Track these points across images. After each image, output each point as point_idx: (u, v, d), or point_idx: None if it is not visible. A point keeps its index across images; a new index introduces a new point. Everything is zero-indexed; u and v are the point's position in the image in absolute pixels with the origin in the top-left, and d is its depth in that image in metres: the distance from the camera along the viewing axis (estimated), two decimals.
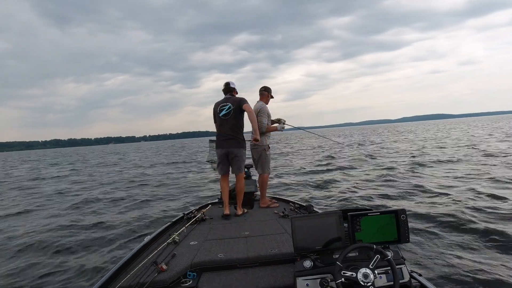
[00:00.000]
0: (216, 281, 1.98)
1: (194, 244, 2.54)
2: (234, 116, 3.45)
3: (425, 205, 5.15)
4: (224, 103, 3.52)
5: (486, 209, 4.70)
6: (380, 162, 11.76)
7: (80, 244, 4.63)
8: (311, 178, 9.27)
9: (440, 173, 8.35)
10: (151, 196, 8.38)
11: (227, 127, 3.47)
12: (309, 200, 6.36)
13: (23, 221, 6.43)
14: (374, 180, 8.09)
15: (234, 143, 3.47)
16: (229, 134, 3.47)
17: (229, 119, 3.47)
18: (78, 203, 7.88)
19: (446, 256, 3.28)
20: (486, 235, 3.74)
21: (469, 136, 23.52)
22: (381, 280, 1.62)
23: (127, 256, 2.31)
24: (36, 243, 4.73)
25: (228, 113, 3.47)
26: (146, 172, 15.27)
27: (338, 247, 1.71)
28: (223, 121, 3.49)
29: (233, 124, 3.46)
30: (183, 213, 3.55)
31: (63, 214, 6.89)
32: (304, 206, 3.51)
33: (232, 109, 3.45)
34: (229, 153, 3.49)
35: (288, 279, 1.89)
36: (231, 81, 3.68)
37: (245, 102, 3.46)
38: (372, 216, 1.75)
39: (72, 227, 5.61)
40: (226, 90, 3.66)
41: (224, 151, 3.50)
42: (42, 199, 9.08)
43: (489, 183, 6.56)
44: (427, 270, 3.01)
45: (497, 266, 3.00)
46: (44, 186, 12.54)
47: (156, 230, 3.03)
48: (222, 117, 3.49)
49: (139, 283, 1.86)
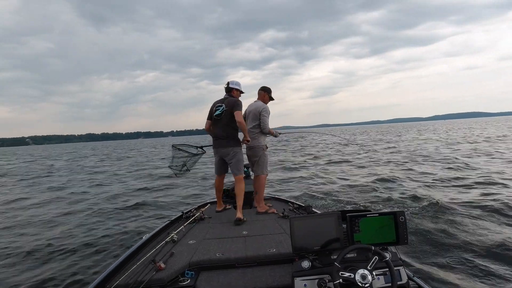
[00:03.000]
0: (214, 280, 1.98)
1: (192, 243, 2.54)
2: (226, 117, 3.43)
3: (425, 206, 5.15)
4: (220, 104, 3.50)
5: (486, 211, 4.72)
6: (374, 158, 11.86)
7: (79, 242, 4.63)
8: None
9: (440, 172, 8.36)
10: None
11: (220, 128, 3.46)
12: (308, 201, 6.37)
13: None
14: (368, 183, 8.11)
15: (227, 143, 3.43)
16: (222, 135, 3.45)
17: (222, 120, 3.45)
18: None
19: (444, 259, 3.29)
20: (485, 237, 3.74)
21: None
22: (379, 282, 1.62)
23: (125, 254, 2.31)
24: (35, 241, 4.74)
25: (220, 114, 3.45)
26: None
27: (337, 247, 1.71)
28: (216, 121, 3.49)
29: (226, 125, 3.44)
30: (181, 212, 3.55)
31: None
32: (303, 206, 3.51)
33: (224, 110, 3.44)
34: (225, 154, 3.45)
35: (286, 279, 1.90)
36: (234, 81, 3.62)
37: (238, 108, 3.41)
38: (370, 217, 1.75)
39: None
40: (226, 89, 3.62)
41: (218, 152, 3.48)
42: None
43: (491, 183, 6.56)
44: (425, 272, 3.02)
45: (496, 268, 3.00)
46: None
47: (155, 229, 3.03)
48: (216, 117, 3.48)
49: (137, 281, 1.86)
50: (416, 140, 23.57)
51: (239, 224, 3.08)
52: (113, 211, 6.68)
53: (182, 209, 4.71)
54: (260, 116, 3.59)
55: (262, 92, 3.83)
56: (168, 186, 9.86)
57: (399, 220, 1.74)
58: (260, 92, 3.85)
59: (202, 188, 9.13)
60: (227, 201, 4.21)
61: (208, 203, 4.12)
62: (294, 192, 7.42)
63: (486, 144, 16.52)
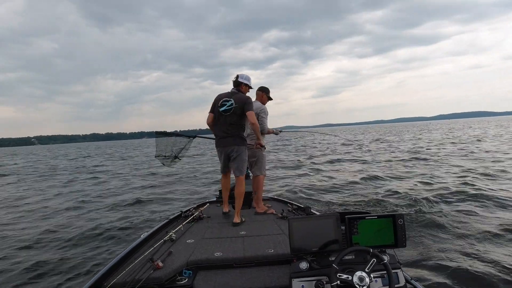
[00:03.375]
0: (212, 279, 1.98)
1: (190, 242, 2.54)
2: (235, 115, 3.17)
3: (424, 208, 5.15)
4: (227, 98, 3.20)
5: (485, 214, 4.72)
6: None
7: (77, 240, 4.63)
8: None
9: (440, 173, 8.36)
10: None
11: (226, 125, 3.19)
12: (307, 202, 6.37)
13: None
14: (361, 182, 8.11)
15: (232, 141, 3.20)
16: (227, 132, 3.20)
17: (229, 116, 3.17)
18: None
19: (442, 262, 3.28)
20: (484, 241, 3.74)
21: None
22: (377, 284, 1.62)
23: (123, 252, 2.31)
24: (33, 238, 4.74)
25: (228, 110, 3.15)
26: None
27: (335, 249, 1.71)
28: (222, 117, 3.19)
29: (233, 122, 3.18)
30: (180, 211, 3.55)
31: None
32: (302, 207, 3.50)
33: (233, 107, 3.14)
34: (228, 152, 3.24)
35: (283, 280, 1.89)
36: (244, 75, 3.34)
37: (251, 108, 3.16)
38: (369, 219, 1.76)
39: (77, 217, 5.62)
40: (235, 83, 3.30)
41: (223, 151, 3.27)
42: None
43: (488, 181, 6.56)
44: (423, 276, 3.01)
45: (495, 271, 3.00)
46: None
47: (153, 227, 3.03)
48: (222, 113, 3.18)
49: (134, 279, 1.85)
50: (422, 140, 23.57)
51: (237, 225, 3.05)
52: (112, 208, 6.69)
53: (181, 208, 4.71)
54: (258, 117, 3.52)
55: (260, 92, 3.79)
56: (168, 183, 9.91)
57: (398, 223, 1.75)
58: (258, 93, 3.80)
59: (202, 188, 9.13)
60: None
61: (207, 202, 4.12)
62: (292, 192, 7.43)
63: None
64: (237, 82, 3.29)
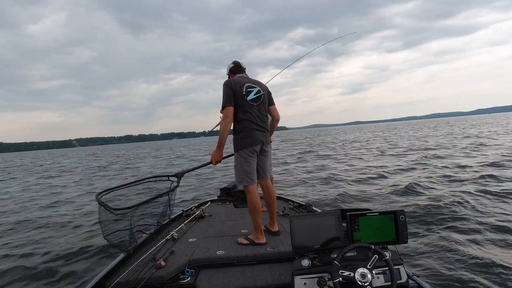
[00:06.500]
0: (214, 278, 1.98)
1: (192, 241, 2.55)
2: (265, 104, 2.62)
3: (424, 206, 5.14)
4: (253, 85, 2.57)
5: (487, 210, 4.71)
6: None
7: (77, 240, 4.64)
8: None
9: (441, 170, 8.35)
10: None
11: (260, 116, 2.55)
12: (308, 199, 6.37)
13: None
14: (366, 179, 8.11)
15: (266, 137, 2.60)
16: (260, 125, 2.55)
17: (259, 106, 2.55)
18: None
19: (444, 258, 3.28)
20: (487, 237, 3.73)
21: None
22: (379, 280, 1.62)
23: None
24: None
25: (258, 99, 2.54)
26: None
27: (337, 246, 1.71)
28: (252, 107, 2.51)
29: (263, 113, 2.59)
30: (182, 210, 3.56)
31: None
32: (303, 205, 3.51)
33: (263, 95, 2.58)
34: (264, 152, 2.60)
35: (286, 277, 1.90)
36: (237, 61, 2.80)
37: (273, 102, 2.73)
38: (371, 216, 1.76)
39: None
40: (239, 68, 2.74)
41: (258, 148, 2.54)
42: None
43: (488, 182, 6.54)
44: (425, 272, 3.02)
45: (497, 268, 3.00)
46: None
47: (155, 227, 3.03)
48: (251, 102, 2.51)
49: (137, 279, 1.86)
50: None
51: (278, 235, 2.61)
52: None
53: (183, 207, 4.71)
54: None
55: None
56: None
57: (399, 219, 1.75)
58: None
59: (202, 188, 9.14)
60: (227, 199, 4.21)
61: (209, 201, 4.13)
62: (294, 190, 7.43)
63: None
64: (241, 67, 2.76)
